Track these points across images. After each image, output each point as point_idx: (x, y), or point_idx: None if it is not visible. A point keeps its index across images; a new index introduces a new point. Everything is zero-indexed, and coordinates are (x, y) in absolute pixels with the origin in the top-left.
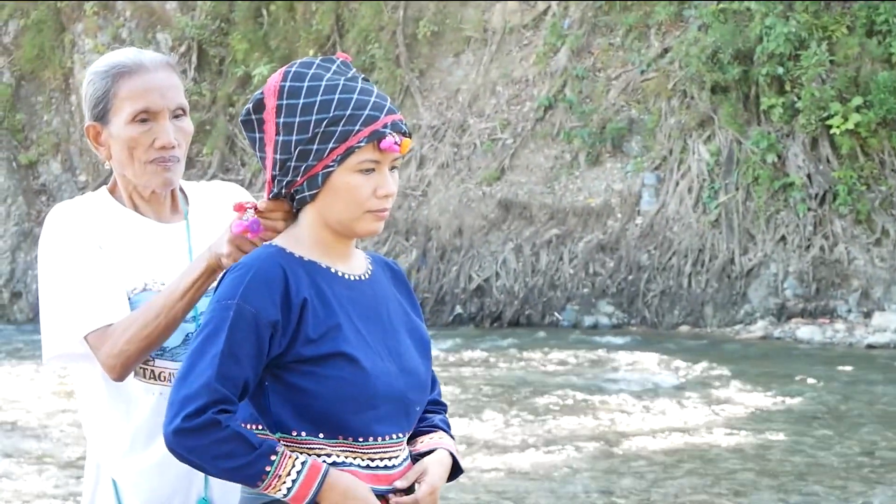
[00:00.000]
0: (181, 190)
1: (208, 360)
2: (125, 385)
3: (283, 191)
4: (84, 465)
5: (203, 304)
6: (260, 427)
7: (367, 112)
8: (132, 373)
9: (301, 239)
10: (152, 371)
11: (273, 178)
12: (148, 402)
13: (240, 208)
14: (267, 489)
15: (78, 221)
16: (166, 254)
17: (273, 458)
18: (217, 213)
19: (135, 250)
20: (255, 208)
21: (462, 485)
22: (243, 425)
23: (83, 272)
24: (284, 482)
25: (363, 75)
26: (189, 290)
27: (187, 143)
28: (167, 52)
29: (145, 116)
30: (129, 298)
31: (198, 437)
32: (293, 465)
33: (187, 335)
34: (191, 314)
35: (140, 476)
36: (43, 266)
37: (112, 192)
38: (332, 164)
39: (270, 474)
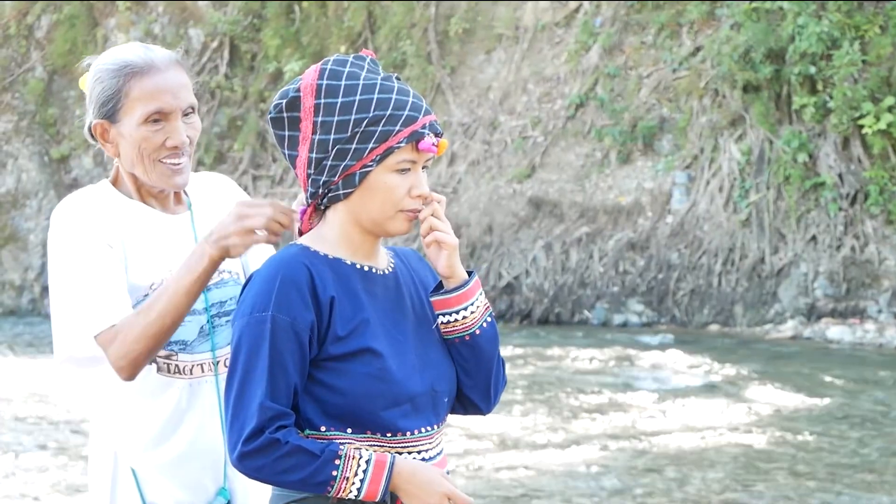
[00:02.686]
0: None
1: (257, 379)
2: (148, 378)
3: (320, 190)
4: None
5: (215, 296)
6: None
7: (406, 112)
8: (156, 368)
9: (327, 237)
10: (176, 366)
11: (308, 176)
12: (172, 395)
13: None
14: (338, 493)
15: (85, 217)
16: (176, 245)
17: (337, 462)
18: (217, 202)
19: (148, 244)
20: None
21: (490, 481)
22: None
23: (89, 271)
24: (353, 483)
25: (395, 74)
26: (194, 286)
27: (196, 141)
28: (199, 47)
29: (158, 117)
30: (146, 296)
31: (261, 457)
32: (359, 465)
33: (202, 327)
34: (202, 305)
35: (162, 467)
36: (51, 265)
37: (115, 183)
38: (370, 163)
39: (338, 478)
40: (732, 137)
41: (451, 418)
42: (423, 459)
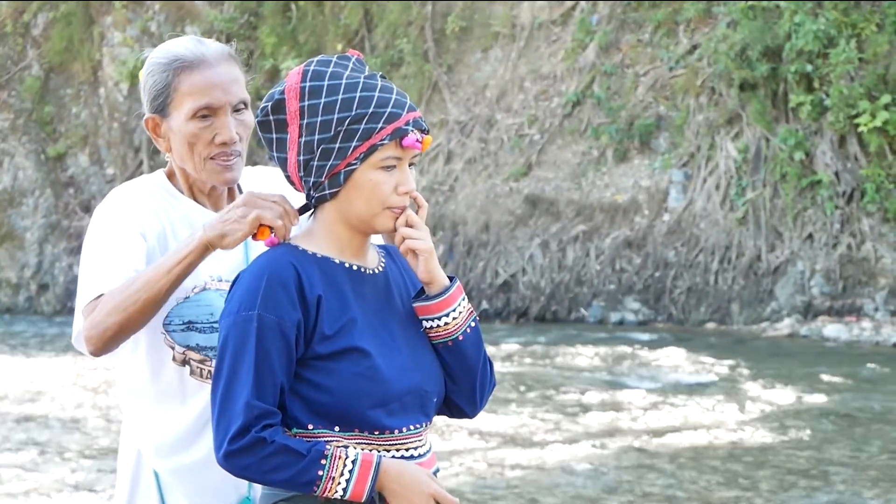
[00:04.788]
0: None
1: (243, 378)
2: (179, 381)
3: (312, 192)
4: (116, 455)
5: None
6: None
7: (389, 110)
8: (189, 371)
9: (316, 236)
10: (209, 371)
11: (301, 179)
12: (202, 400)
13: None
14: (324, 493)
15: (128, 205)
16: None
17: (323, 461)
18: None
19: None
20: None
21: (486, 480)
22: None
23: (106, 252)
24: (339, 483)
25: (381, 73)
26: (177, 266)
27: (248, 137)
28: None
29: (206, 112)
30: (187, 298)
31: (247, 456)
32: (345, 465)
33: None
34: None
35: (183, 472)
36: (83, 251)
37: (170, 177)
38: (354, 161)
39: (324, 478)
40: (729, 135)
41: (443, 416)
42: (412, 457)
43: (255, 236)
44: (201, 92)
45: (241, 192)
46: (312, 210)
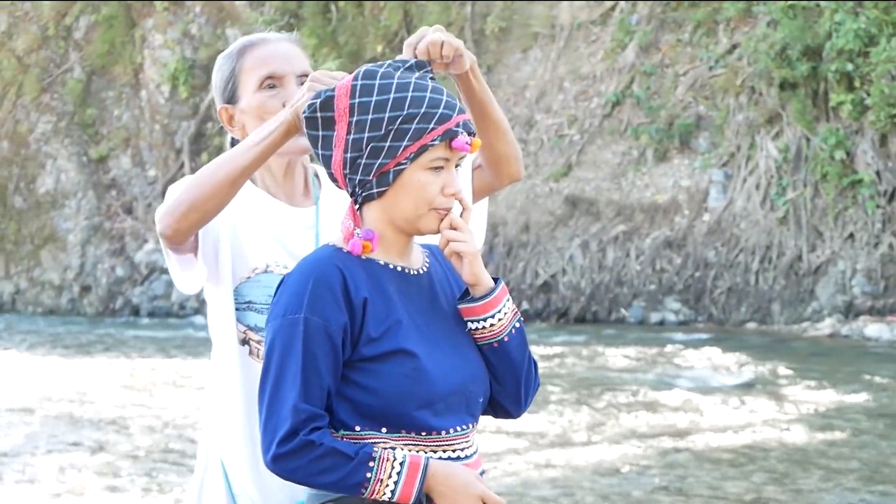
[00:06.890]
0: (315, 175)
1: (290, 381)
2: (242, 361)
3: (358, 189)
4: (160, 457)
5: None
6: None
7: (441, 111)
8: (248, 351)
9: None
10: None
11: (345, 176)
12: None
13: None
14: (371, 495)
15: None
16: (292, 237)
17: (371, 464)
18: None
19: (261, 231)
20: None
21: (529, 480)
22: None
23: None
24: (387, 485)
25: (432, 74)
26: (262, 142)
27: None
28: None
29: (272, 82)
30: (249, 278)
31: (295, 459)
32: (393, 467)
33: None
34: None
35: (245, 462)
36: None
37: None
38: (404, 161)
39: (372, 480)
40: (769, 135)
41: (486, 417)
42: (459, 458)
43: None
44: (263, 63)
45: (318, 178)
46: (358, 207)
